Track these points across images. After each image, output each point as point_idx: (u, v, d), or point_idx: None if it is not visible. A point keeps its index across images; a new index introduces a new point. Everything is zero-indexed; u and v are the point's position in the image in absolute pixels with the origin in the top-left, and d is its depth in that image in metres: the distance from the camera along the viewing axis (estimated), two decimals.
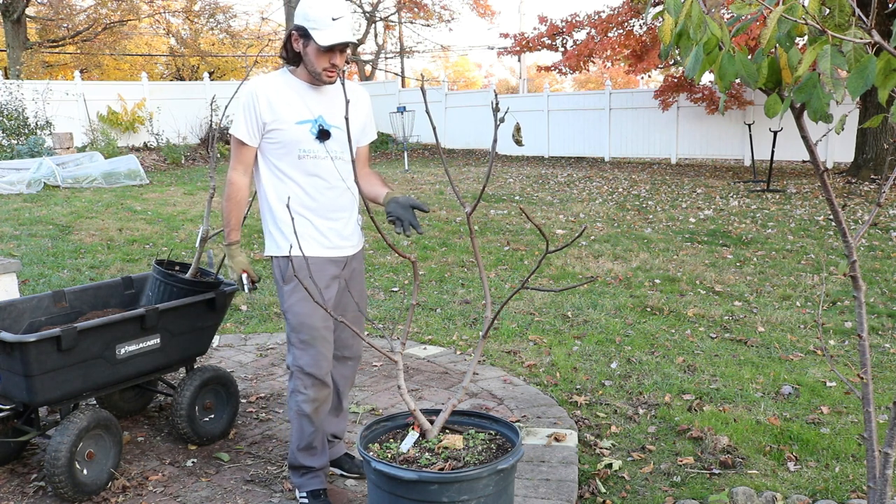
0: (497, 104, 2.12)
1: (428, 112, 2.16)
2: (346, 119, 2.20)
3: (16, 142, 14.59)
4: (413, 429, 2.32)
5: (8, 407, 2.88)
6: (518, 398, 3.80)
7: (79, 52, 27.45)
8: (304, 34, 2.55)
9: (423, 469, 2.11)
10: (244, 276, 2.78)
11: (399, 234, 2.52)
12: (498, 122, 2.12)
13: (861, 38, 1.53)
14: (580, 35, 16.47)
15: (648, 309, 5.37)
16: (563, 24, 16.50)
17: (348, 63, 2.72)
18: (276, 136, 2.62)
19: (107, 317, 2.95)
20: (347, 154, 2.69)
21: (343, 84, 2.34)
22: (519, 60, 26.41)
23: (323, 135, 2.63)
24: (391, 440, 2.33)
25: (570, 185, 12.73)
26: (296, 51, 2.62)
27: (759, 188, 11.93)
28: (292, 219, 2.47)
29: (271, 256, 2.75)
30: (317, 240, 2.67)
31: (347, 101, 2.19)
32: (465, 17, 69.45)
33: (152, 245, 7.70)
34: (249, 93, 2.62)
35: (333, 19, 2.50)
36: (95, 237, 8.08)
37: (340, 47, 2.56)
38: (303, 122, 2.62)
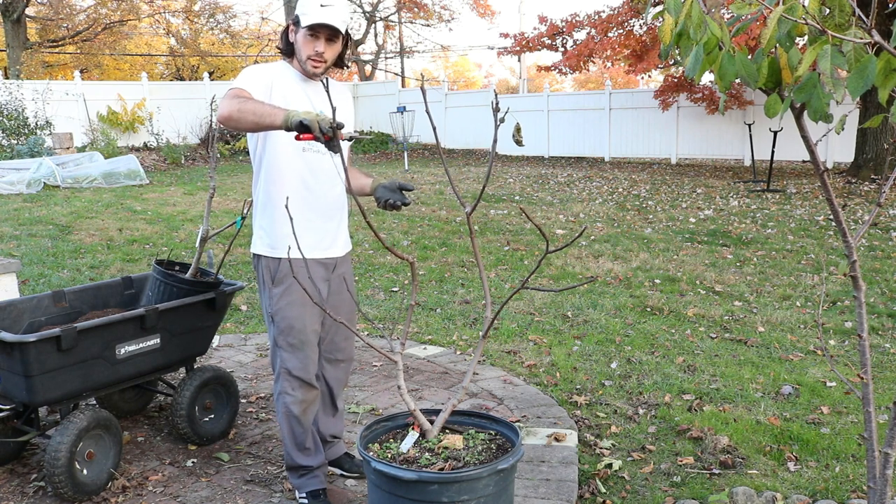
0: (497, 104, 2.12)
1: (428, 112, 2.16)
2: (333, 125, 2.16)
3: (16, 142, 14.58)
4: (413, 429, 2.32)
5: (8, 407, 2.88)
6: (518, 398, 3.80)
7: (79, 52, 27.44)
8: (297, 22, 2.58)
9: (423, 469, 2.11)
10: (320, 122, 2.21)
11: (394, 207, 2.56)
12: (498, 122, 2.12)
13: (861, 38, 1.53)
14: (580, 35, 16.47)
15: (648, 309, 5.37)
16: (563, 24, 16.50)
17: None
18: None
19: (107, 317, 2.95)
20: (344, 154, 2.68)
21: (327, 89, 2.24)
22: (519, 60, 26.39)
23: None
24: (391, 440, 2.33)
25: (570, 185, 12.73)
26: (290, 41, 2.64)
27: (759, 188, 11.93)
28: (291, 218, 2.41)
29: (258, 255, 2.71)
30: (312, 240, 2.65)
31: (334, 109, 2.14)
32: (465, 17, 69.58)
33: (152, 245, 7.70)
34: (264, 66, 2.61)
35: (322, 6, 2.51)
36: (95, 237, 8.08)
37: (326, 33, 2.54)
38: None
